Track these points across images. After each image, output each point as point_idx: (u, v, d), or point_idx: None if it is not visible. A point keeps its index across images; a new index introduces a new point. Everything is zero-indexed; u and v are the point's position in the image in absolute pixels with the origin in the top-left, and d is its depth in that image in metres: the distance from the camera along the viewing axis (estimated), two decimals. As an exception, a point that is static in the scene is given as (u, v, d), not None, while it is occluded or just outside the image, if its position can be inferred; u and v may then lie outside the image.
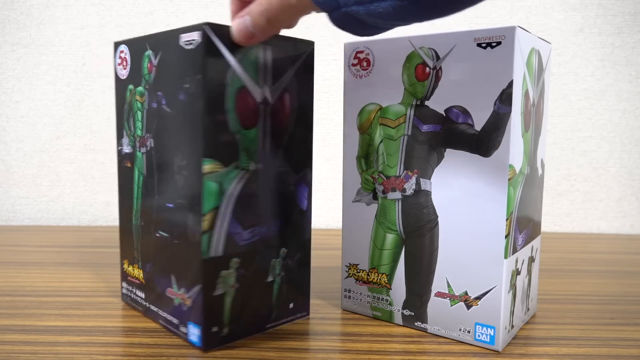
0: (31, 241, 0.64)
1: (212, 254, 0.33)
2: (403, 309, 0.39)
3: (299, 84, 0.37)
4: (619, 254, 0.62)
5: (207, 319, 0.34)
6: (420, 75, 0.36)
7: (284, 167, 0.36)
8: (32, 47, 0.75)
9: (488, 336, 0.35)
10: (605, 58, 0.73)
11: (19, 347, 0.35)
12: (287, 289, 0.38)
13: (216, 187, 0.33)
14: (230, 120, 0.33)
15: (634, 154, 0.75)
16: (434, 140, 0.36)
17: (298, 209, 0.38)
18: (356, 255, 0.41)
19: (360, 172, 0.40)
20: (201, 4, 0.73)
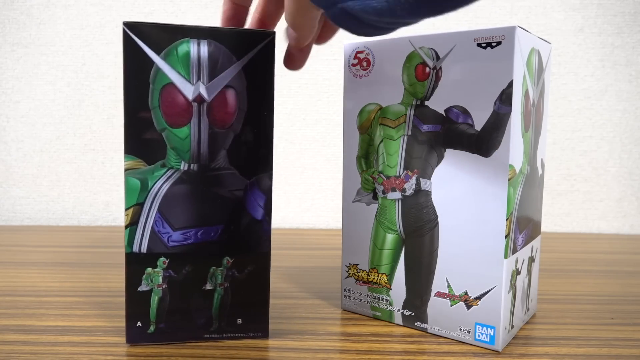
0: (31, 241, 0.64)
1: (135, 250, 0.34)
2: (403, 309, 0.39)
3: (249, 80, 0.34)
4: (619, 254, 0.62)
5: (130, 312, 0.34)
6: (420, 75, 0.36)
7: (228, 170, 0.34)
8: (32, 47, 0.75)
9: (488, 336, 0.35)
10: (605, 58, 0.73)
11: (19, 347, 0.35)
12: (233, 302, 0.36)
13: (138, 183, 0.33)
14: (155, 118, 0.33)
15: (634, 154, 0.75)
16: (434, 140, 0.36)
17: (250, 218, 0.35)
18: (356, 255, 0.41)
19: (360, 172, 0.40)
20: (201, 4, 0.73)
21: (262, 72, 0.34)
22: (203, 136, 0.33)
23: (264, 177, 0.35)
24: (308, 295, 0.45)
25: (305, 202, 0.76)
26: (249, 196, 0.35)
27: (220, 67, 0.33)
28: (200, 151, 0.34)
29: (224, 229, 0.35)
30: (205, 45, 0.33)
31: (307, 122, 0.75)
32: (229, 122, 0.34)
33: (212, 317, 0.35)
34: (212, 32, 0.33)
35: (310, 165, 0.75)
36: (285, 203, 0.76)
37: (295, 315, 0.41)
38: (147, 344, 0.35)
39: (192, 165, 0.34)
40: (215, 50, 0.33)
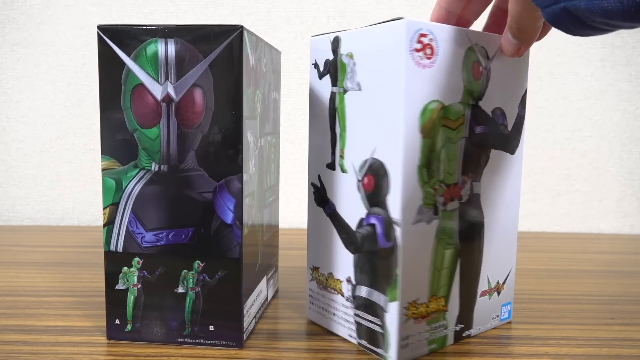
0: (31, 241, 0.64)
1: (112, 248, 0.35)
2: (456, 326, 0.36)
3: (216, 78, 0.32)
4: (619, 254, 0.62)
5: (109, 310, 0.35)
6: (476, 74, 0.34)
7: (197, 171, 0.33)
8: (32, 47, 0.75)
9: (507, 312, 0.40)
10: (605, 58, 0.73)
11: (19, 347, 0.35)
12: (204, 308, 0.35)
13: (113, 183, 0.34)
14: (127, 119, 0.33)
15: (634, 154, 0.75)
16: (483, 141, 0.35)
17: (219, 221, 0.34)
18: (417, 290, 0.33)
19: (422, 185, 0.32)
20: (201, 4, 0.73)
21: (230, 69, 0.32)
22: (172, 137, 0.33)
23: (234, 179, 0.33)
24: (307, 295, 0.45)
25: (305, 202, 0.76)
26: (218, 199, 0.34)
27: (187, 66, 0.32)
28: (170, 152, 0.33)
29: (195, 231, 0.34)
30: (172, 44, 0.32)
31: (307, 122, 0.75)
32: (196, 122, 0.33)
33: (184, 321, 0.35)
34: (178, 30, 0.32)
35: (310, 165, 0.75)
36: (285, 203, 0.76)
37: (294, 316, 0.41)
38: (126, 342, 0.35)
39: (162, 166, 0.34)
40: (182, 49, 0.32)
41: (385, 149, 0.32)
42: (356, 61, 0.34)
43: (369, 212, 0.34)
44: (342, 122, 0.35)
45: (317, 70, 0.37)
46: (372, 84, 0.33)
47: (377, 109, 0.33)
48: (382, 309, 0.33)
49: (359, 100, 0.34)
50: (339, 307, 0.37)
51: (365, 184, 0.34)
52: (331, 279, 0.37)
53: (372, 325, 0.34)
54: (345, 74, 0.34)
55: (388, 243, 0.32)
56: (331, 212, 0.37)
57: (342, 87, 0.35)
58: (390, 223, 0.32)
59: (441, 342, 0.35)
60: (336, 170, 0.36)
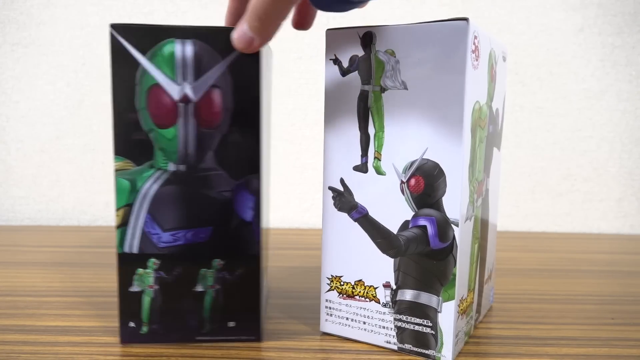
0: (31, 241, 0.64)
1: (126, 250, 0.34)
2: (475, 315, 0.38)
3: (235, 79, 0.33)
4: (619, 254, 0.62)
5: (123, 313, 0.35)
6: (492, 75, 0.36)
7: (216, 170, 0.34)
8: (32, 47, 0.75)
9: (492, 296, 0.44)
10: (605, 58, 0.73)
11: (19, 347, 0.35)
12: (224, 305, 0.35)
13: (128, 184, 0.34)
14: (142, 119, 0.33)
15: (634, 154, 0.75)
16: (490, 139, 0.37)
17: (239, 220, 0.34)
18: (464, 286, 0.35)
19: (469, 183, 0.33)
20: (201, 4, 0.73)
21: (248, 70, 0.33)
22: (190, 137, 0.33)
23: (253, 178, 0.34)
24: (308, 295, 0.45)
25: (305, 202, 0.76)
26: (238, 198, 0.34)
27: (205, 67, 0.33)
28: (188, 152, 0.33)
29: (214, 230, 0.34)
30: (190, 45, 0.32)
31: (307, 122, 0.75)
32: (215, 122, 0.33)
33: (203, 319, 0.35)
34: (196, 32, 0.32)
35: (310, 165, 0.75)
36: (285, 203, 0.76)
37: (294, 316, 0.41)
38: (142, 345, 0.35)
39: (179, 166, 0.34)
40: (201, 50, 0.32)
41: (442, 149, 0.32)
42: (400, 59, 0.32)
43: (417, 213, 0.33)
44: (379, 122, 0.34)
45: (339, 66, 0.35)
46: (424, 83, 0.32)
47: (430, 109, 0.32)
48: (434, 309, 0.33)
49: (404, 99, 0.33)
50: (373, 315, 0.36)
51: (412, 186, 0.33)
52: (361, 286, 0.36)
53: (419, 328, 0.34)
54: (383, 72, 0.33)
55: (442, 244, 0.32)
56: (361, 217, 0.35)
57: (378, 85, 0.33)
58: (446, 223, 0.32)
59: (469, 334, 0.37)
60: (369, 172, 0.34)
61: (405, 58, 0.32)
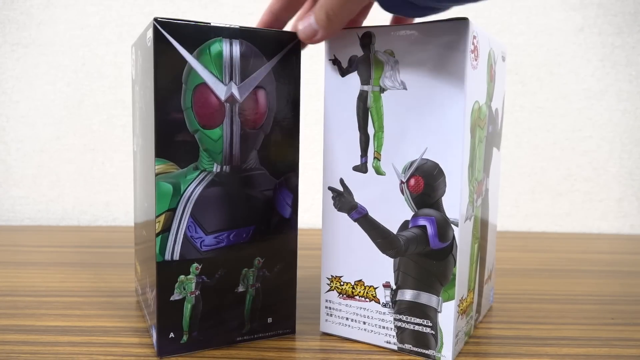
0: (31, 241, 0.64)
1: (167, 258, 0.32)
2: (475, 314, 0.38)
3: (278, 80, 0.34)
4: (619, 254, 0.62)
5: (162, 324, 0.33)
6: (491, 75, 0.36)
7: (258, 170, 0.34)
8: (32, 47, 0.75)
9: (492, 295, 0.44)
10: (605, 58, 0.73)
11: (19, 347, 0.35)
12: (263, 302, 0.35)
13: (170, 188, 0.32)
14: (188, 119, 0.32)
15: (634, 154, 0.75)
16: (490, 139, 0.37)
17: (278, 217, 0.35)
18: (464, 286, 0.35)
19: (468, 183, 0.33)
20: (201, 4, 0.73)
21: (290, 72, 0.34)
22: (235, 137, 0.33)
23: (292, 175, 0.35)
24: (308, 295, 0.45)
25: (305, 202, 0.76)
26: (278, 195, 0.35)
27: (251, 68, 0.33)
28: (233, 152, 0.33)
29: (255, 229, 0.34)
30: (238, 45, 0.32)
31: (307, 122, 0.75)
32: (259, 123, 0.33)
33: (244, 319, 0.35)
34: (243, 32, 0.32)
35: (310, 165, 0.75)
36: (285, 203, 0.76)
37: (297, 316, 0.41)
38: (178, 355, 0.34)
39: (224, 167, 0.33)
40: (247, 51, 0.32)
41: (442, 149, 0.32)
42: (399, 59, 0.32)
43: (417, 213, 0.33)
44: (379, 122, 0.34)
45: (338, 66, 0.35)
46: (423, 83, 0.32)
47: (429, 109, 0.32)
48: (434, 309, 0.33)
49: (403, 99, 0.33)
50: (372, 315, 0.36)
51: (411, 186, 0.33)
52: (360, 286, 0.36)
53: (419, 328, 0.34)
54: (382, 72, 0.33)
55: (442, 244, 0.32)
56: (361, 217, 0.35)
57: (377, 86, 0.33)
58: (446, 223, 0.32)
59: (469, 334, 0.37)
60: (368, 172, 0.34)
61: (404, 58, 0.32)
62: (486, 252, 0.39)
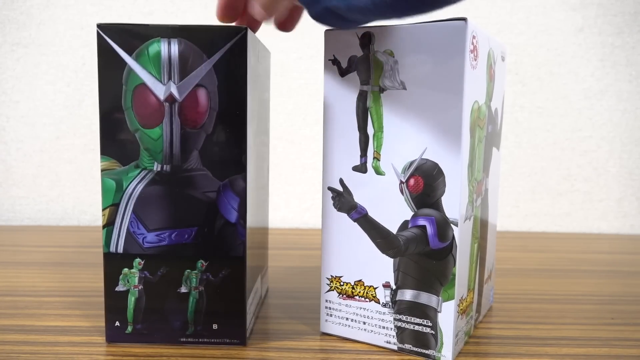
0: (31, 241, 0.64)
1: (112, 250, 0.34)
2: (475, 314, 0.38)
3: (220, 78, 0.33)
4: (619, 254, 0.62)
5: (109, 312, 0.35)
6: (491, 75, 0.36)
7: (200, 171, 0.33)
8: (32, 47, 0.75)
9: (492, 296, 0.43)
10: (605, 58, 0.73)
11: (19, 347, 0.35)
12: (208, 307, 0.35)
13: (113, 184, 0.34)
14: (129, 119, 0.33)
15: (634, 154, 0.75)
16: (490, 139, 0.37)
17: (223, 220, 0.34)
18: (464, 286, 0.35)
19: (468, 183, 0.33)
20: (201, 4, 0.73)
21: (234, 70, 0.33)
22: (175, 137, 0.33)
23: (238, 178, 0.34)
24: (308, 295, 0.45)
25: (305, 202, 0.76)
26: (222, 198, 0.34)
27: (191, 66, 0.32)
28: (173, 152, 0.33)
29: (198, 231, 0.34)
30: (176, 44, 0.32)
31: (307, 122, 0.75)
32: (200, 122, 0.33)
33: (187, 321, 0.35)
34: (182, 31, 0.32)
35: (310, 165, 0.75)
36: (285, 203, 0.76)
37: (294, 316, 0.41)
38: (126, 344, 0.35)
39: (164, 167, 0.33)
40: (186, 49, 0.32)
41: (441, 149, 0.32)
42: (399, 59, 0.32)
43: (417, 213, 0.33)
44: (378, 122, 0.34)
45: (338, 66, 0.35)
46: (423, 83, 0.32)
47: (429, 109, 0.32)
48: (434, 309, 0.33)
49: (402, 99, 0.33)
50: (372, 315, 0.36)
51: (411, 186, 0.33)
52: (360, 286, 0.36)
53: (419, 328, 0.34)
54: (382, 72, 0.33)
55: (442, 243, 0.32)
56: (360, 217, 0.35)
57: (376, 86, 0.33)
58: (446, 223, 0.32)
59: (469, 333, 0.37)
60: (368, 172, 0.34)
61: (403, 58, 0.32)
62: (486, 252, 0.39)
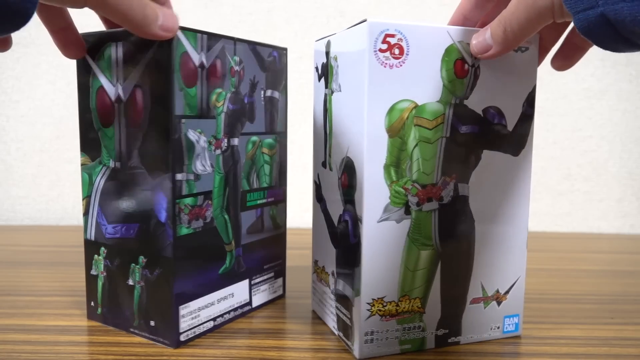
0: (31, 241, 0.64)
1: (88, 237, 0.38)
2: (437, 330, 0.36)
3: (151, 79, 0.33)
4: (619, 254, 0.62)
5: (87, 292, 0.39)
6: (460, 72, 0.34)
7: (139, 169, 0.34)
8: (32, 47, 0.75)
9: (513, 325, 0.38)
10: (605, 58, 0.73)
11: (19, 347, 0.35)
12: (146, 303, 0.36)
13: (87, 177, 0.37)
14: (94, 119, 0.36)
15: (634, 154, 0.75)
16: (472, 141, 0.34)
17: (156, 220, 0.34)
18: (382, 287, 0.34)
19: (390, 184, 0.33)
20: (201, 4, 0.73)
21: (160, 69, 0.33)
22: (122, 135, 0.35)
23: (165, 178, 0.33)
24: (308, 294, 0.45)
25: (305, 202, 0.76)
26: (156, 197, 0.34)
27: (130, 67, 0.34)
28: (121, 149, 0.35)
29: (139, 227, 0.35)
30: (121, 47, 0.34)
31: (307, 122, 0.75)
32: (139, 121, 0.34)
33: (134, 312, 0.36)
34: (124, 33, 0.33)
35: (310, 165, 0.75)
36: (285, 203, 0.76)
37: (293, 316, 0.41)
38: (127, 342, 0.36)
39: (116, 163, 0.36)
40: (127, 51, 0.34)
41: (354, 147, 0.33)
42: (339, 64, 0.35)
43: (344, 208, 0.35)
44: (330, 122, 0.37)
45: (317, 73, 0.38)
46: (347, 85, 0.34)
47: (351, 109, 0.34)
48: (351, 302, 0.35)
49: (340, 100, 0.35)
50: (328, 300, 0.38)
51: (342, 182, 0.35)
52: (323, 272, 0.39)
53: (345, 318, 0.36)
54: (332, 76, 0.36)
55: (355, 239, 0.34)
56: (323, 209, 0.38)
57: (330, 89, 0.37)
58: (358, 220, 0.33)
59: (417, 344, 0.35)
60: (327, 168, 0.38)
61: (340, 62, 0.35)
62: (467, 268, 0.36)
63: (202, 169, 0.35)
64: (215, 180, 0.37)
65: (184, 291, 0.35)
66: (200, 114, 0.35)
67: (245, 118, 0.39)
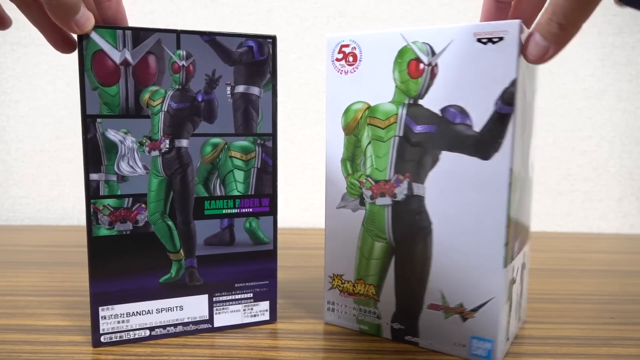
0: (31, 241, 0.64)
1: None
2: (392, 322, 0.36)
3: None
4: (619, 254, 0.62)
5: None
6: (414, 72, 0.33)
7: None
8: (32, 47, 0.75)
9: (485, 350, 0.33)
10: (605, 58, 0.73)
11: (19, 347, 0.35)
12: None
13: None
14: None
15: (634, 154, 0.75)
16: (428, 142, 0.33)
17: None
18: (341, 265, 0.38)
19: (346, 176, 0.37)
20: (201, 4, 0.73)
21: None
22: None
23: None
24: (308, 294, 0.45)
25: (305, 202, 0.76)
26: None
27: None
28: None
29: None
30: None
31: (307, 122, 0.75)
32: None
33: None
34: None
35: (310, 165, 0.75)
36: (285, 203, 0.76)
37: (294, 315, 0.41)
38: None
39: None
40: None
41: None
42: None
43: None
44: None
45: None
46: None
47: None
48: None
49: None
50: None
51: None
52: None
53: None
54: None
55: None
56: None
57: None
58: None
59: (374, 329, 0.38)
60: None
61: None
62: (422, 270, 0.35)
63: (129, 170, 0.35)
64: (151, 183, 0.35)
65: (105, 292, 0.35)
66: (124, 113, 0.35)
67: (198, 117, 0.36)
